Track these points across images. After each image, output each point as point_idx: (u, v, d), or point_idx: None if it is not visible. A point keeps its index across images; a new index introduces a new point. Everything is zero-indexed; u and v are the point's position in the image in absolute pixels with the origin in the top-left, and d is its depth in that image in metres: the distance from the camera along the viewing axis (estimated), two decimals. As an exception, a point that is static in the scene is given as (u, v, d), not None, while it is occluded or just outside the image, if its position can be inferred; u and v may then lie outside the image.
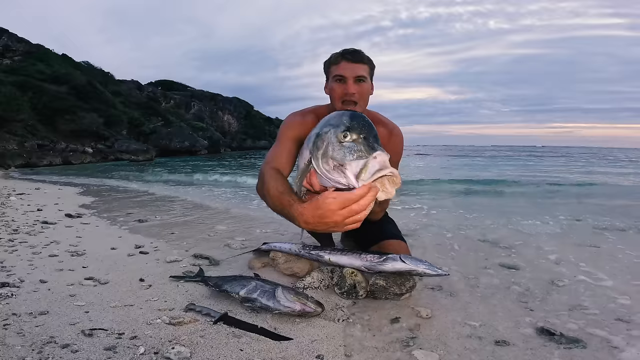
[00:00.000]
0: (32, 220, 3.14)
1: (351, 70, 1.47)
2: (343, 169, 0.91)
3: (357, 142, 0.92)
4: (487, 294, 1.58)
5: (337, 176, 0.94)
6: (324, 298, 1.47)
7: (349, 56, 1.49)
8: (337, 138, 0.95)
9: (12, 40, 29.33)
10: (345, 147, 0.92)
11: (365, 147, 0.91)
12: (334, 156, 0.93)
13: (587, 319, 1.34)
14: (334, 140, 0.94)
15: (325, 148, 0.98)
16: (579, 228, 3.05)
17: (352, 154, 0.90)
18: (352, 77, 1.47)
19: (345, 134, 0.94)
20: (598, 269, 1.95)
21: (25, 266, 1.85)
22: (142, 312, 1.33)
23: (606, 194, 5.77)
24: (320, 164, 0.98)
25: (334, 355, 1.08)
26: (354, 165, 0.89)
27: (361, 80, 1.49)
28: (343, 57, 1.49)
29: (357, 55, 1.49)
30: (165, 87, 46.80)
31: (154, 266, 1.90)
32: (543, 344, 1.15)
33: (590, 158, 23.88)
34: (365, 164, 0.88)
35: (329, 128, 1.01)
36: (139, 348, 1.07)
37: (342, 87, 1.48)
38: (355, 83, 1.48)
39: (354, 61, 1.48)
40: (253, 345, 1.12)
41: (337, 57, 1.51)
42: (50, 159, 18.88)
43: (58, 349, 1.06)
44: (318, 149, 1.01)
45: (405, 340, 1.16)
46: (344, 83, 1.48)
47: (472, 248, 2.38)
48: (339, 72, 1.49)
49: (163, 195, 5.56)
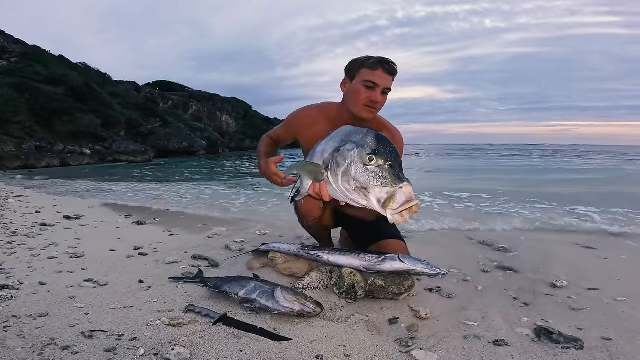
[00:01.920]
0: (30, 222, 3.14)
1: (384, 81, 1.51)
2: (366, 193, 0.93)
3: (382, 168, 0.94)
4: (485, 295, 1.59)
5: (358, 197, 0.95)
6: (323, 298, 1.48)
7: (387, 67, 1.50)
8: (361, 160, 0.96)
9: (9, 42, 29.25)
10: (370, 171, 0.93)
11: (391, 176, 0.92)
12: (357, 178, 0.95)
13: (585, 319, 1.35)
14: (358, 161, 0.95)
15: (347, 167, 0.98)
16: (579, 228, 3.07)
17: (377, 180, 0.92)
18: (382, 87, 1.51)
19: (371, 157, 0.96)
20: (597, 270, 1.96)
21: (24, 268, 1.85)
22: (141, 313, 1.33)
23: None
24: (339, 182, 0.99)
25: (334, 355, 1.09)
26: (378, 192, 0.91)
27: (387, 93, 1.54)
28: (381, 65, 1.50)
29: (394, 69, 1.52)
30: (162, 88, 46.73)
31: (153, 267, 1.90)
32: (541, 344, 1.16)
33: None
34: (393, 194, 0.90)
35: (352, 146, 1.00)
36: (139, 349, 1.08)
37: (370, 94, 1.51)
38: (382, 94, 1.53)
39: (389, 73, 1.51)
40: (253, 346, 1.12)
41: (375, 64, 1.51)
42: (48, 160, 18.84)
43: (58, 351, 1.07)
44: (338, 166, 1.01)
45: (404, 340, 1.16)
46: (373, 90, 1.51)
47: (471, 249, 2.39)
48: (372, 79, 1.50)
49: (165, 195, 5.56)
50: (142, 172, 13.27)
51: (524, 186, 6.65)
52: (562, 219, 3.35)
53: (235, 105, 53.26)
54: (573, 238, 2.69)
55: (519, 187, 6.40)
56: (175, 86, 49.62)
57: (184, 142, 31.22)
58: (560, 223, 3.20)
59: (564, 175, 9.95)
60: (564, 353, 1.10)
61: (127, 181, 8.88)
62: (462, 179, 8.81)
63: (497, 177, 8.99)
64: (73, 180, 9.45)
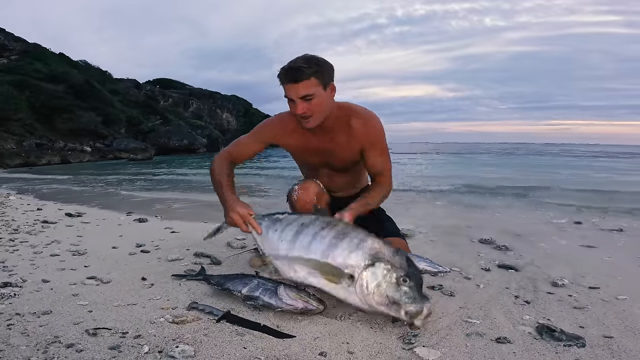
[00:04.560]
0: (32, 220, 3.15)
1: (295, 91, 1.41)
2: (398, 307, 1.12)
3: (412, 289, 1.14)
4: (487, 293, 1.59)
5: (386, 309, 1.14)
6: (326, 295, 1.48)
7: (290, 77, 1.41)
8: (396, 280, 1.14)
9: (9, 40, 29.20)
10: (402, 291, 1.13)
11: (419, 296, 1.14)
12: (390, 294, 1.13)
13: (586, 317, 1.36)
14: (393, 281, 1.14)
15: (380, 283, 1.15)
16: (580, 228, 3.07)
17: (408, 298, 1.12)
18: (297, 98, 1.42)
19: (405, 279, 1.14)
20: (597, 269, 1.97)
21: (27, 266, 1.85)
22: (145, 311, 1.34)
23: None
24: (371, 294, 1.15)
25: (337, 352, 1.09)
26: (411, 308, 1.12)
27: (309, 99, 1.43)
28: (285, 78, 1.42)
29: (298, 74, 1.39)
30: (163, 86, 46.67)
31: (155, 265, 1.91)
32: (543, 342, 1.16)
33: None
34: (421, 311, 1.11)
35: (388, 266, 1.18)
36: (143, 347, 1.08)
37: (293, 107, 1.45)
38: (304, 101, 1.42)
39: (297, 81, 1.40)
40: (256, 343, 1.13)
41: (281, 78, 1.44)
42: (48, 158, 18.84)
43: (63, 349, 1.07)
44: (371, 281, 1.17)
45: (407, 337, 1.17)
46: (293, 103, 1.44)
47: (472, 247, 2.39)
48: (286, 94, 1.44)
49: (164, 196, 5.56)
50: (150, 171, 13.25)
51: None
52: (562, 218, 3.36)
53: (235, 103, 53.21)
54: (573, 237, 2.70)
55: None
56: (175, 84, 49.56)
57: (184, 139, 31.17)
58: (560, 222, 3.21)
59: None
60: (566, 351, 1.11)
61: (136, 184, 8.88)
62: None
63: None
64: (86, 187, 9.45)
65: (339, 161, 1.66)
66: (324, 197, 1.77)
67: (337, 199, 1.86)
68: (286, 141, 1.65)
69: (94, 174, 10.78)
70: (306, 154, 1.69)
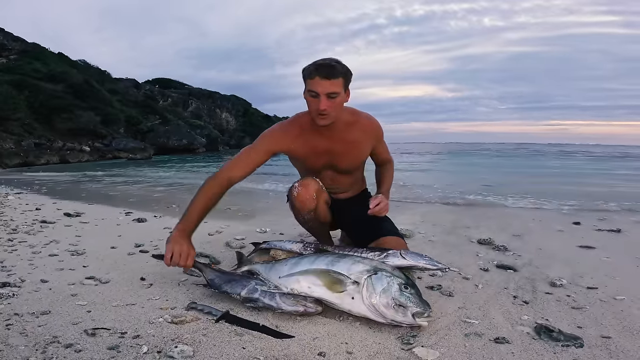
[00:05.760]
0: (30, 220, 3.14)
1: (324, 87, 1.46)
2: (404, 309, 1.20)
3: (413, 295, 1.24)
4: (485, 293, 1.59)
5: (393, 311, 1.21)
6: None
7: (323, 72, 1.46)
8: (399, 287, 1.24)
9: (8, 39, 29.11)
10: (405, 296, 1.23)
11: (421, 300, 1.24)
12: (396, 297, 1.22)
13: (584, 318, 1.36)
14: (397, 288, 1.24)
15: (386, 288, 1.24)
16: (579, 229, 3.08)
17: (411, 302, 1.22)
18: (324, 93, 1.47)
19: (407, 286, 1.25)
20: (595, 269, 1.97)
21: (25, 266, 1.85)
22: (144, 311, 1.34)
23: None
24: (379, 297, 1.23)
25: (336, 352, 1.09)
26: (415, 309, 1.20)
27: (333, 97, 1.48)
28: (317, 72, 1.47)
29: (332, 71, 1.47)
30: (162, 85, 46.58)
31: (154, 265, 1.90)
32: (541, 342, 1.17)
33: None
34: (424, 313, 1.21)
35: (389, 274, 1.29)
36: (142, 347, 1.08)
37: (316, 103, 1.49)
38: (328, 99, 1.48)
39: (328, 77, 1.46)
40: (255, 343, 1.13)
41: (311, 72, 1.48)
42: (47, 157, 18.79)
43: (62, 349, 1.07)
44: (377, 285, 1.26)
45: (405, 337, 1.17)
46: (317, 99, 1.48)
47: (470, 248, 2.39)
48: (313, 88, 1.48)
49: (163, 195, 5.56)
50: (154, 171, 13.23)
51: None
52: (560, 218, 3.36)
53: (235, 102, 53.15)
54: (572, 237, 2.70)
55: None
56: (174, 83, 49.47)
57: (183, 139, 31.13)
58: (559, 222, 3.21)
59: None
60: (564, 351, 1.11)
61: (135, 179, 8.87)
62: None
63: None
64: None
65: (345, 162, 1.74)
66: (324, 195, 1.79)
67: (337, 201, 1.88)
68: (291, 147, 1.69)
69: (93, 174, 10.75)
70: (311, 157, 1.73)
